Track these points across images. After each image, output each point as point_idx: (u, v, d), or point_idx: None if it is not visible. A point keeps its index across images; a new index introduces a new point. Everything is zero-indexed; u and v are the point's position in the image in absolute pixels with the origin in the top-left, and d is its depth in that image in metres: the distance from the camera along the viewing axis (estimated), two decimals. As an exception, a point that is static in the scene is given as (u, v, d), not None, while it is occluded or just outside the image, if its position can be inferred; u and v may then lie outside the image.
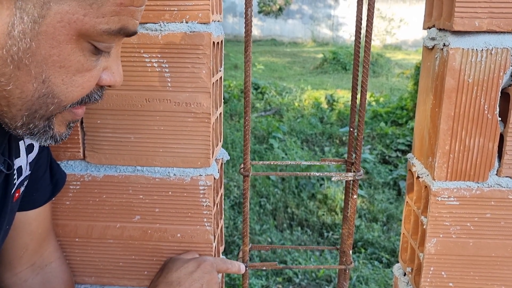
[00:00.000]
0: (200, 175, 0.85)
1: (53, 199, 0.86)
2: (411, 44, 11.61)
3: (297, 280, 3.04)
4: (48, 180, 0.82)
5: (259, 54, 10.18)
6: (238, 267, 0.87)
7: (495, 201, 0.84)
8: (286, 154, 4.53)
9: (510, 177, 0.83)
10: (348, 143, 0.91)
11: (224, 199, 3.73)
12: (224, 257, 1.02)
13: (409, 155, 0.98)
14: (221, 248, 1.01)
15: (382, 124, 5.09)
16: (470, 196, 0.84)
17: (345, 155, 4.57)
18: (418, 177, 0.91)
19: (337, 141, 4.93)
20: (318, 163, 0.94)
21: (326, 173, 0.89)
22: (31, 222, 0.82)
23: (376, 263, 3.28)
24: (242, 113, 5.21)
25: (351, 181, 0.89)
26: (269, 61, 9.21)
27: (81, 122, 0.85)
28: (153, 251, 0.90)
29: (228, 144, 4.56)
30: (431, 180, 0.85)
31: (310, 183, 4.09)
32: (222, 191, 0.98)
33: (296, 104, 5.86)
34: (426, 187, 0.87)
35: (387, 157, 4.74)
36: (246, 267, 0.93)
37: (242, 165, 0.87)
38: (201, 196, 0.86)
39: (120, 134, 0.85)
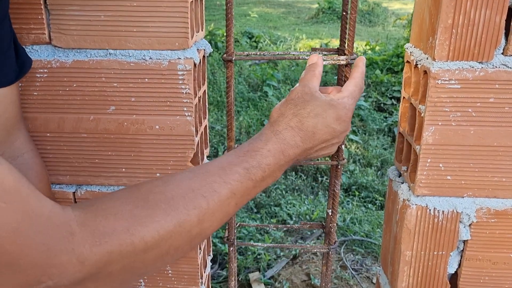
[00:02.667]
0: (179, 58, 0.78)
1: (20, 85, 0.78)
2: (409, -5, 11.33)
3: (291, 222, 3.03)
4: (13, 58, 0.74)
5: (253, 4, 9.91)
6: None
7: (500, 83, 0.77)
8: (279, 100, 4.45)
9: (517, 56, 0.76)
10: (341, 29, 0.84)
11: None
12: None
13: (407, 45, 0.90)
14: (206, 151, 0.95)
15: (378, 72, 4.99)
16: (472, 78, 0.77)
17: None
18: (416, 65, 0.84)
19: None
20: (308, 54, 0.87)
21: (314, 53, 0.82)
22: (-4, 103, 0.74)
23: (369, 205, 3.27)
24: (236, 61, 5.09)
25: (344, 67, 0.81)
26: (264, 12, 8.97)
27: (44, 0, 0.77)
28: (131, 145, 0.84)
29: (222, 91, 4.47)
30: (430, 62, 0.78)
31: (304, 129, 4.03)
32: (205, 87, 0.91)
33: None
34: (425, 72, 0.80)
35: (382, 105, 4.67)
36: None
37: (225, 51, 0.80)
38: (180, 82, 0.79)
39: (88, 12, 0.76)
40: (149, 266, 0.55)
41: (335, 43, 6.13)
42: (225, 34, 0.81)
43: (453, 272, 0.91)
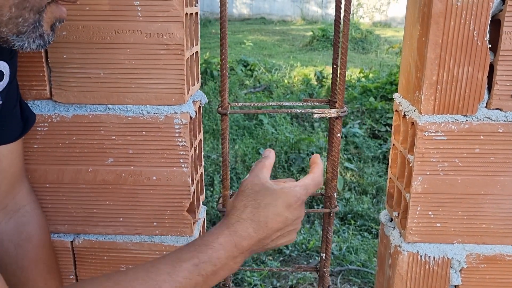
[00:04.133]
0: (175, 112, 0.81)
1: (23, 137, 0.81)
2: (400, 21, 11.54)
3: (287, 252, 3.03)
4: (18, 116, 0.77)
5: (248, 32, 10.05)
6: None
7: (485, 135, 0.80)
8: (275, 130, 4.48)
9: (500, 109, 0.79)
10: (332, 82, 0.87)
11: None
12: (206, 207, 0.99)
13: (395, 95, 0.94)
14: (202, 197, 0.97)
15: (372, 99, 5.06)
16: (458, 131, 0.80)
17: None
18: (404, 115, 0.87)
19: (327, 117, 4.89)
20: (300, 104, 0.90)
21: (308, 109, 0.85)
22: (2, 159, 0.77)
23: (365, 234, 3.27)
24: (231, 89, 5.14)
25: (335, 119, 0.85)
26: (258, 40, 9.09)
27: (46, 58, 0.80)
28: (128, 195, 0.86)
29: (217, 120, 4.51)
30: (417, 115, 0.81)
31: (300, 157, 4.06)
32: (201, 136, 0.94)
33: (286, 81, 5.80)
34: (413, 123, 0.83)
35: (376, 132, 4.71)
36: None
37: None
38: (177, 135, 0.82)
39: (88, 70, 0.80)
40: None
41: (329, 70, 6.21)
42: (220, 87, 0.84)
43: (446, 316, 0.93)
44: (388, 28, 11.24)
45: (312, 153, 4.22)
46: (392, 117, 4.94)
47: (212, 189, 3.46)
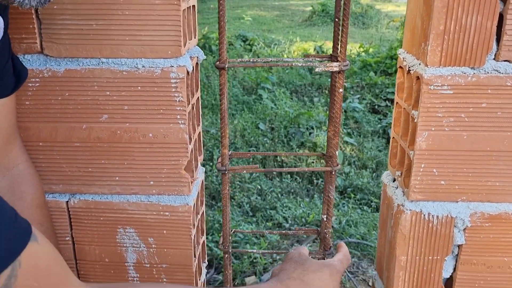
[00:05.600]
0: (171, 66, 0.78)
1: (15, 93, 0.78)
2: (401, -3, 11.38)
3: (286, 225, 3.03)
4: (10, 70, 0.74)
5: (247, 7, 9.89)
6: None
7: (492, 89, 0.77)
8: (275, 104, 4.45)
9: (508, 61, 0.76)
10: (334, 36, 0.84)
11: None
12: (203, 168, 0.96)
13: (399, 51, 0.90)
14: (200, 158, 0.95)
15: (372, 74, 5.00)
16: (465, 84, 0.77)
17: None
18: (409, 70, 0.84)
19: (327, 91, 4.84)
20: (301, 60, 0.87)
21: (310, 63, 0.82)
22: (-6, 114, 0.74)
23: (365, 208, 3.27)
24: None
25: (337, 74, 0.82)
26: (257, 15, 8.96)
27: (36, 9, 0.76)
28: (124, 154, 0.83)
29: (216, 95, 4.46)
30: (423, 68, 0.78)
31: (299, 131, 4.04)
32: (198, 94, 0.91)
33: (285, 55, 5.73)
34: (418, 78, 0.80)
35: (376, 107, 4.68)
36: (225, 170, 0.86)
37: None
38: (173, 90, 0.79)
39: (80, 21, 0.76)
40: None
41: (329, 45, 6.14)
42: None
43: (448, 276, 0.91)
44: (388, 3, 11.08)
45: (312, 128, 4.19)
46: (392, 92, 4.91)
47: (211, 163, 3.44)
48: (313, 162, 3.72)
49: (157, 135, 0.81)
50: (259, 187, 3.40)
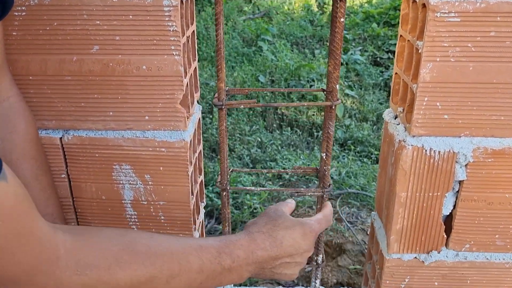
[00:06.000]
0: (164, -8, 0.73)
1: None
2: None
3: (286, 177, 3.03)
4: None
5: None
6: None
7: (502, 16, 0.73)
8: (275, 57, 4.37)
9: (520, -15, 0.72)
10: None
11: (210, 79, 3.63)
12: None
13: (405, -21, 0.86)
14: (196, 95, 0.92)
15: (374, 25, 4.88)
16: (473, 11, 0.73)
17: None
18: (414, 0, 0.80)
19: (328, 44, 4.75)
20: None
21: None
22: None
23: (365, 159, 3.27)
24: (229, 15, 4.95)
25: (338, 2, 0.77)
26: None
27: None
28: (117, 87, 0.80)
29: (215, 47, 4.37)
30: (430, -6, 0.74)
31: (300, 84, 3.99)
32: (194, 27, 0.87)
33: (286, 7, 5.58)
34: (424, 5, 0.76)
35: (378, 59, 4.60)
36: (222, 105, 0.84)
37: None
38: (167, 19, 0.75)
39: None
40: None
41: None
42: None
43: (448, 213, 0.91)
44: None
45: (313, 80, 4.13)
46: (394, 44, 4.80)
47: (211, 116, 3.42)
48: (313, 115, 3.70)
49: (151, 68, 0.78)
50: (259, 139, 3.39)
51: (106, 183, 0.89)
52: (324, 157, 0.91)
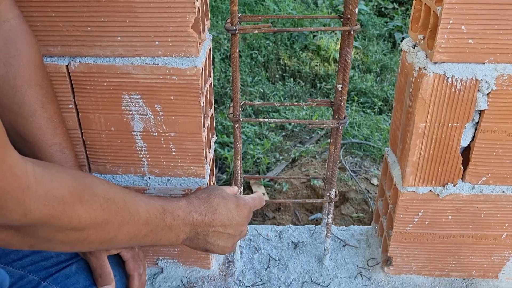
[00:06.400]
0: None
1: None
2: None
3: (289, 127, 3.02)
4: None
5: None
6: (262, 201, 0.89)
7: None
8: (277, 6, 4.25)
9: None
10: None
11: (214, 51, 3.56)
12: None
13: None
14: (207, 23, 0.87)
15: (380, -26, 4.73)
16: None
17: (340, 6, 4.31)
18: None
19: (331, -6, 4.61)
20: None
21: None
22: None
23: (368, 110, 3.25)
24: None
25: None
26: None
27: None
28: (125, 10, 0.76)
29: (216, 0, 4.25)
30: None
31: (303, 34, 3.89)
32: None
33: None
34: None
35: (383, 9, 4.49)
36: (235, 30, 0.80)
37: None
38: None
39: None
40: (66, 244, 0.62)
41: None
42: None
43: (466, 145, 0.89)
44: None
45: (316, 31, 4.04)
46: (401, -8, 4.60)
47: (213, 66, 3.35)
48: (316, 65, 3.63)
49: (161, -14, 0.74)
50: (262, 90, 3.34)
51: (115, 113, 0.86)
52: (339, 88, 0.88)
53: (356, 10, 0.80)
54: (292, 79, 3.51)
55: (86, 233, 0.62)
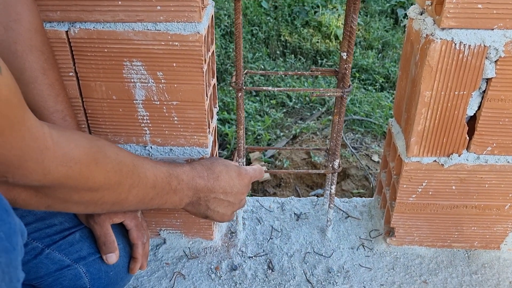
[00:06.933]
0: None
1: None
2: None
3: (290, 104, 3.00)
4: None
5: None
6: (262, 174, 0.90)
7: None
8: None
9: None
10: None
11: (215, 28, 3.52)
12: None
13: None
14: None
15: None
16: None
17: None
18: None
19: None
20: None
21: None
22: None
23: (369, 87, 3.23)
24: None
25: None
26: None
27: None
28: (126, -28, 0.74)
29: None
30: None
31: (304, 10, 3.84)
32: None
33: None
34: None
35: (386, -16, 4.41)
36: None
37: None
38: None
39: None
40: (81, 204, 0.64)
41: None
42: None
43: (472, 114, 0.88)
44: None
45: (318, 6, 3.98)
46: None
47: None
48: (317, 42, 3.60)
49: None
50: (262, 67, 3.31)
51: (117, 81, 0.84)
52: (344, 57, 0.87)
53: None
54: (293, 55, 3.48)
55: (100, 194, 0.64)
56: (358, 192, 2.39)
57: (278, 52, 3.49)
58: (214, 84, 0.96)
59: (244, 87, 0.87)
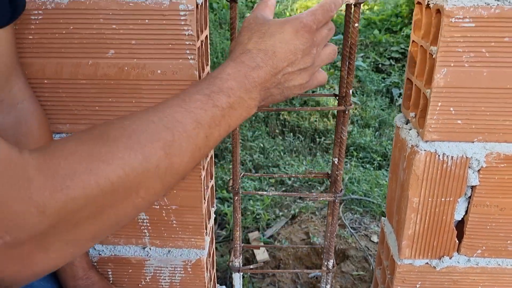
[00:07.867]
0: (180, -3, 0.74)
1: (15, 27, 0.75)
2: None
3: (289, 182, 3.04)
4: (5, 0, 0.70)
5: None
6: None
7: (516, 22, 0.74)
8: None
9: (535, -8, 0.72)
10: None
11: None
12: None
13: (418, -14, 0.86)
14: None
15: (376, 32, 4.91)
16: (487, 16, 0.74)
17: (338, 62, 4.44)
18: (428, 5, 0.81)
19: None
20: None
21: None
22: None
23: (367, 166, 3.28)
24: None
25: (353, 7, 0.78)
26: (259, -28, 8.73)
27: None
28: (132, 91, 0.81)
29: (217, 53, 4.39)
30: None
31: (302, 90, 3.99)
32: (207, 32, 0.87)
33: (288, 13, 5.61)
34: (438, 11, 0.77)
35: (380, 65, 4.62)
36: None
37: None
38: (182, 23, 0.75)
39: None
40: (120, 211, 0.49)
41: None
42: (228, -26, 0.77)
43: (460, 219, 0.91)
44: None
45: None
46: (397, 51, 4.79)
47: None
48: (315, 121, 3.70)
49: (166, 72, 0.79)
50: (262, 145, 3.39)
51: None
52: (336, 162, 0.92)
53: (351, 91, 0.85)
54: (291, 134, 3.57)
55: (133, 186, 0.49)
56: (358, 274, 2.36)
57: (277, 130, 3.59)
58: (212, 185, 1.00)
59: (241, 192, 0.91)
